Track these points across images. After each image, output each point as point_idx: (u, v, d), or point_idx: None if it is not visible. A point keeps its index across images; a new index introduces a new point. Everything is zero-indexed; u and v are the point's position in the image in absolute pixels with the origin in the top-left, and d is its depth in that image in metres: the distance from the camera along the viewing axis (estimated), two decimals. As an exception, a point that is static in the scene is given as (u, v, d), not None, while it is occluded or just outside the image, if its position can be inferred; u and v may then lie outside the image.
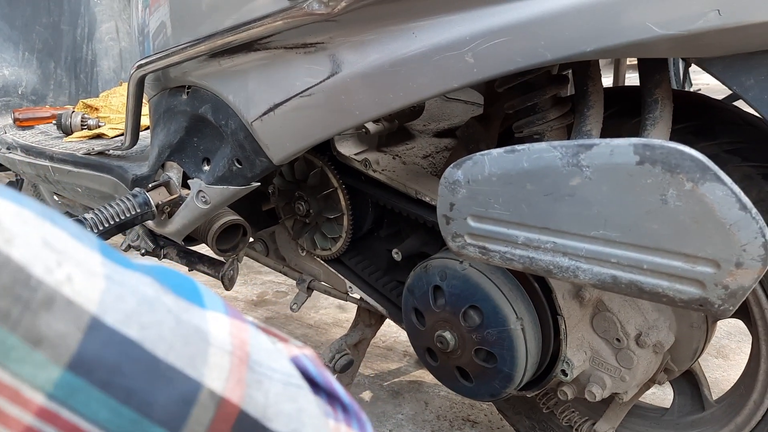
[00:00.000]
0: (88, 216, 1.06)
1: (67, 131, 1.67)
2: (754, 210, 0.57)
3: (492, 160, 0.70)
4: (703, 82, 4.76)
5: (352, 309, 1.65)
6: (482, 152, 0.71)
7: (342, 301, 1.99)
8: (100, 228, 1.05)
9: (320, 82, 0.84)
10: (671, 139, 0.83)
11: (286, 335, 0.39)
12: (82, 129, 1.67)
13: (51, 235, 0.27)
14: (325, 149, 1.16)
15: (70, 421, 0.27)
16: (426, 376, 1.69)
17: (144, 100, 1.19)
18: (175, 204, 1.15)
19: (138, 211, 1.09)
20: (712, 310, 0.63)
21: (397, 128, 1.20)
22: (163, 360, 0.29)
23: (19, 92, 1.87)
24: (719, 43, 0.63)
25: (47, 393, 0.26)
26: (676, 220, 0.60)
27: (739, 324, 1.02)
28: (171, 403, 0.29)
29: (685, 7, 0.60)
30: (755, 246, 0.57)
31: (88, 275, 0.28)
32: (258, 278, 2.31)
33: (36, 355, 0.26)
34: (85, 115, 1.68)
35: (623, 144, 0.60)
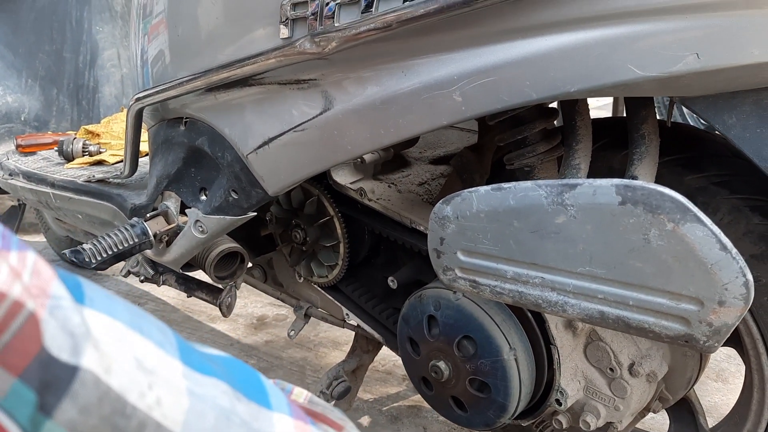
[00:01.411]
0: (86, 246, 1.08)
1: (69, 158, 1.69)
2: (735, 250, 0.58)
3: (479, 197, 0.71)
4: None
5: (351, 333, 1.66)
6: (470, 189, 0.72)
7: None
8: (98, 258, 1.07)
9: (313, 117, 0.85)
10: (659, 172, 0.84)
11: (339, 416, 0.40)
12: (84, 155, 1.69)
13: (141, 350, 0.29)
14: (321, 178, 1.17)
15: None
16: (424, 401, 1.68)
17: (144, 128, 1.22)
18: (173, 233, 1.16)
19: (136, 240, 1.11)
20: (697, 346, 0.64)
21: (392, 156, 1.21)
22: None
23: (22, 118, 1.90)
24: (700, 84, 0.64)
25: None
26: (659, 259, 0.61)
27: (738, 347, 1.03)
28: None
29: (665, 50, 0.61)
30: (737, 285, 0.58)
31: (174, 394, 0.29)
32: (258, 301, 2.32)
33: None
34: (87, 142, 1.70)
35: (605, 185, 0.61)
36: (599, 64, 0.64)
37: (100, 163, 1.67)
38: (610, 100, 1.51)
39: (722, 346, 1.01)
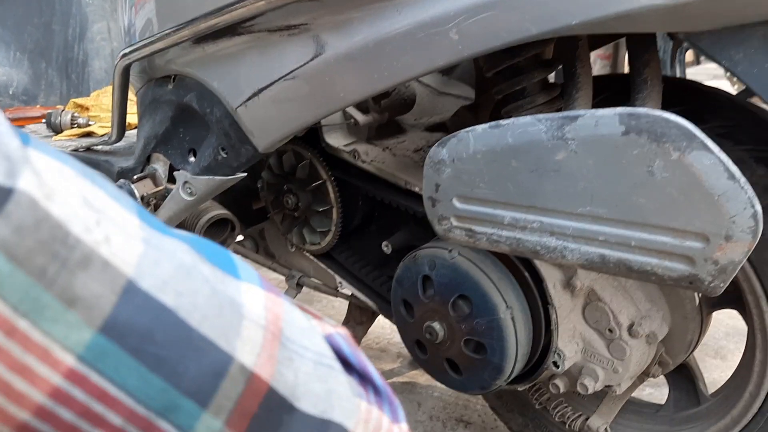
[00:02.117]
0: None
1: (57, 130, 1.66)
2: (743, 179, 0.55)
3: (477, 136, 0.68)
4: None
5: (345, 310, 1.64)
6: (467, 129, 0.70)
7: (336, 303, 1.97)
8: (84, 219, 1.04)
9: (304, 64, 0.82)
10: (661, 121, 0.82)
11: (320, 313, 0.38)
12: (72, 127, 1.66)
13: (91, 193, 0.27)
14: (314, 141, 1.15)
15: (98, 384, 0.26)
16: (419, 377, 1.66)
17: (132, 99, 1.18)
18: (161, 196, 1.13)
19: (123, 202, 1.07)
20: (702, 287, 0.61)
21: (387, 121, 1.18)
22: (197, 330, 0.28)
23: (10, 92, 1.86)
24: (707, 14, 0.61)
25: (78, 355, 0.25)
26: (663, 193, 0.59)
27: (737, 325, 1.01)
28: (201, 374, 0.28)
29: (671, -26, 0.58)
30: (745, 217, 0.56)
31: (126, 237, 0.27)
32: (251, 281, 2.29)
33: (69, 315, 0.25)
34: (75, 114, 1.67)
35: (608, 114, 0.59)
36: (602, -7, 0.62)
37: (88, 135, 1.64)
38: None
39: (723, 307, 0.99)
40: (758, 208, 0.55)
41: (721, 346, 1.75)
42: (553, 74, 0.94)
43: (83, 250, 0.25)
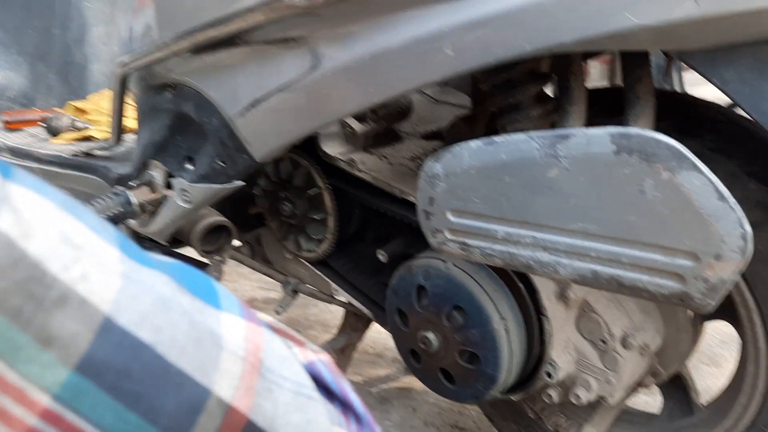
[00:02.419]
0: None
1: (56, 133, 1.66)
2: (733, 200, 0.56)
3: (471, 152, 0.69)
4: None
5: (340, 316, 1.64)
6: (461, 144, 0.70)
7: (332, 307, 1.98)
8: (81, 226, 1.04)
9: (301, 76, 0.83)
10: (655, 136, 0.82)
11: (303, 339, 0.38)
12: (71, 131, 1.66)
13: (70, 228, 0.27)
14: (310, 149, 1.15)
15: (74, 423, 0.26)
16: (415, 382, 1.67)
17: (132, 104, 1.19)
18: (158, 203, 1.13)
19: (119, 210, 1.08)
20: (692, 305, 0.62)
21: (384, 130, 1.19)
22: (174, 365, 0.28)
23: (9, 95, 1.86)
24: (698, 34, 0.62)
25: (53, 394, 0.25)
26: (654, 212, 0.60)
27: (732, 332, 1.01)
28: (178, 409, 0.28)
29: (663, -5, 0.59)
30: (734, 237, 0.56)
31: (104, 273, 0.27)
32: (247, 284, 2.29)
33: (45, 356, 0.25)
34: (74, 118, 1.67)
35: (600, 133, 0.59)
36: (595, 13, 0.62)
37: (87, 138, 1.64)
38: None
39: (716, 319, 1.00)
40: (748, 228, 0.56)
41: (716, 354, 1.75)
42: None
43: (60, 289, 0.25)
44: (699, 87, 0.67)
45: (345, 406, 0.35)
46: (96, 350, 0.26)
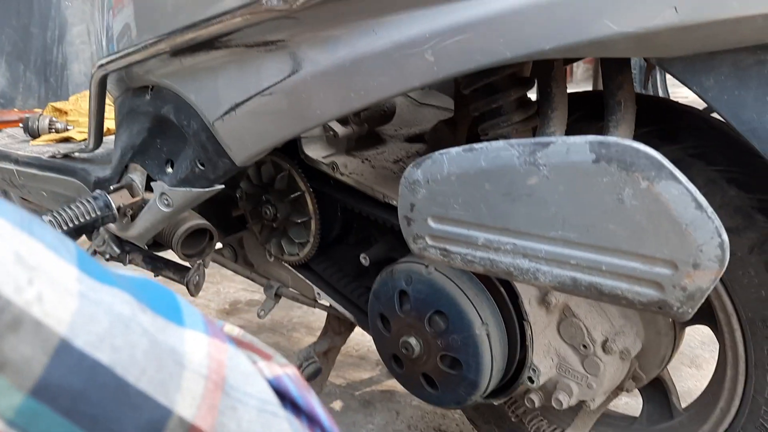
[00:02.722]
0: (45, 219, 1.04)
1: (35, 134, 1.64)
2: (710, 209, 0.56)
3: (451, 158, 0.69)
4: (682, 95, 4.81)
5: (324, 318, 1.64)
6: (441, 151, 0.70)
7: (315, 309, 1.97)
8: (58, 231, 1.02)
9: (281, 80, 0.82)
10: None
11: (271, 351, 0.37)
12: (50, 132, 1.64)
13: (26, 248, 0.26)
14: (292, 153, 1.14)
15: None
16: (398, 386, 1.66)
17: (110, 105, 1.17)
18: (138, 207, 1.12)
19: (98, 213, 1.07)
20: (671, 313, 0.62)
21: (367, 132, 1.18)
22: (134, 386, 0.27)
23: (-12, 95, 1.84)
24: (678, 41, 0.62)
25: (7, 419, 0.25)
26: (633, 220, 0.59)
27: (712, 334, 1.02)
28: (138, 430, 0.27)
29: (642, 4, 0.59)
30: (712, 246, 0.57)
31: (60, 293, 0.26)
32: (231, 285, 2.28)
33: None
34: (53, 119, 1.65)
35: (579, 142, 0.59)
36: (575, 20, 0.62)
37: (66, 140, 1.62)
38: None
39: (695, 323, 1.00)
40: (725, 237, 0.56)
41: (697, 355, 1.77)
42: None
43: (13, 312, 0.24)
44: (682, 87, 0.67)
45: (312, 420, 0.35)
46: (51, 373, 0.25)
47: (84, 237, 1.23)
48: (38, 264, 0.26)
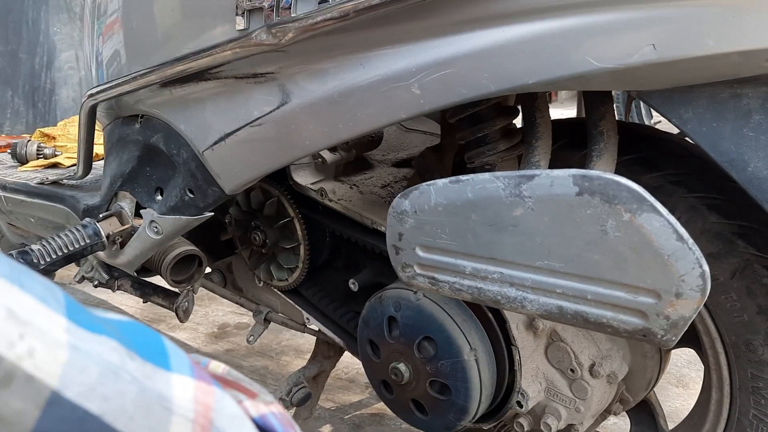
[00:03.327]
0: (35, 247, 1.04)
1: (23, 160, 1.64)
2: (691, 241, 0.57)
3: (437, 190, 0.70)
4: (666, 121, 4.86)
5: (314, 342, 1.64)
6: (428, 182, 0.71)
7: (304, 334, 1.97)
8: (47, 260, 1.03)
9: (270, 112, 0.84)
10: (617, 170, 0.84)
11: (257, 388, 0.38)
12: (38, 158, 1.64)
13: (17, 302, 0.27)
14: (281, 179, 1.16)
15: None
16: (387, 409, 1.66)
17: (99, 130, 1.18)
18: (127, 235, 1.13)
19: (88, 242, 1.07)
20: (655, 341, 0.63)
21: (355, 158, 1.20)
22: None
23: (-25, 121, 1.84)
24: (656, 76, 0.64)
25: None
26: (616, 251, 0.61)
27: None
28: None
29: (622, 41, 0.61)
30: (693, 276, 0.58)
31: (51, 346, 0.27)
32: (219, 309, 2.27)
33: None
34: (41, 144, 1.65)
35: (562, 175, 0.61)
36: (557, 56, 0.64)
37: (55, 166, 1.63)
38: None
39: (680, 346, 1.01)
40: (706, 267, 0.57)
41: (683, 374, 1.78)
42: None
43: (5, 368, 0.25)
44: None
45: None
46: (43, 426, 0.26)
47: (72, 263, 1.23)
48: (29, 318, 0.27)
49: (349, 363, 1.86)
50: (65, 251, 1.05)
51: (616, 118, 0.86)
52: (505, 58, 0.66)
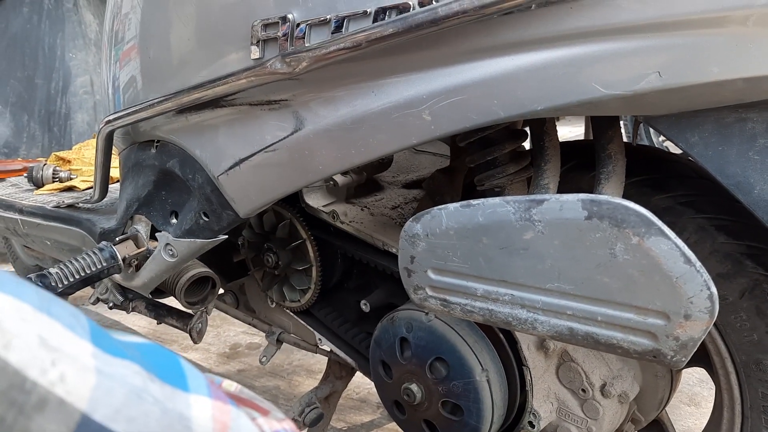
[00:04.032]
0: (53, 270, 1.06)
1: (38, 184, 1.67)
2: (699, 263, 0.58)
3: (449, 214, 0.71)
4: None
5: (325, 361, 1.65)
6: (439, 207, 0.73)
7: (315, 354, 1.98)
8: (65, 282, 1.05)
9: (284, 137, 0.85)
10: (627, 192, 0.85)
11: (269, 405, 0.39)
12: (54, 181, 1.67)
13: (47, 330, 0.29)
14: (293, 201, 1.17)
15: None
16: (400, 429, 1.66)
17: (115, 154, 1.20)
18: (143, 257, 1.14)
19: (104, 265, 1.09)
20: (665, 361, 0.64)
21: (365, 180, 1.22)
22: None
23: (-8, 145, 1.87)
24: (663, 102, 0.65)
25: None
26: (625, 274, 0.62)
27: (710, 371, 1.04)
28: None
29: (628, 68, 0.62)
30: (701, 298, 0.59)
31: (80, 371, 0.29)
32: (231, 329, 2.29)
33: None
34: (57, 168, 1.68)
35: (571, 200, 0.62)
36: (565, 83, 0.65)
37: (70, 189, 1.65)
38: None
39: (691, 366, 1.02)
40: (713, 289, 0.59)
41: (695, 393, 1.78)
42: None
43: (40, 393, 0.27)
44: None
45: None
46: None
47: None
48: (58, 345, 0.29)
49: (360, 383, 1.87)
50: (82, 274, 1.07)
51: (624, 141, 0.87)
52: (515, 85, 0.68)
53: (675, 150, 0.90)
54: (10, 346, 0.27)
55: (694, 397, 1.76)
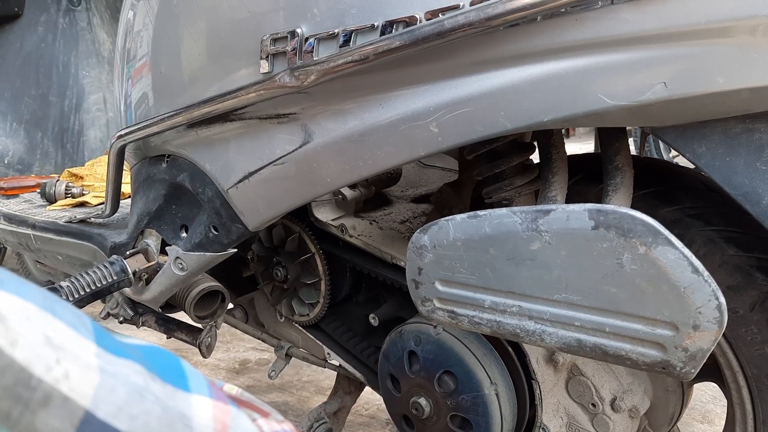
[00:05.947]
0: (64, 284, 1.07)
1: (51, 200, 1.69)
2: (706, 273, 0.58)
3: (456, 225, 0.72)
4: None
5: (334, 377, 1.64)
6: (447, 218, 0.73)
7: (325, 369, 1.98)
8: (76, 296, 1.05)
9: (293, 151, 0.86)
10: (634, 204, 0.85)
11: (268, 408, 0.40)
12: (66, 197, 1.69)
13: (51, 329, 0.29)
14: (302, 215, 1.18)
15: None
16: (409, 444, 1.65)
17: (126, 169, 1.22)
18: (153, 271, 1.15)
19: (115, 278, 1.10)
20: (674, 373, 0.64)
21: (374, 194, 1.22)
22: None
23: (5, 162, 1.90)
24: (669, 112, 0.66)
25: None
26: (632, 284, 0.62)
27: (722, 388, 1.03)
28: None
29: (634, 79, 0.63)
30: (710, 309, 0.59)
31: (83, 369, 0.30)
32: (240, 345, 2.29)
33: None
34: (69, 184, 1.70)
35: (578, 210, 0.62)
36: (571, 94, 0.66)
37: (82, 204, 1.67)
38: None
39: (702, 380, 1.01)
40: (722, 300, 0.58)
41: (708, 410, 1.76)
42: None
43: (44, 390, 0.28)
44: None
45: None
46: None
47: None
48: (63, 343, 0.29)
49: (369, 399, 1.86)
50: (93, 288, 1.07)
51: (632, 154, 0.87)
52: (521, 96, 0.68)
53: (685, 164, 0.90)
54: (16, 344, 0.27)
55: (707, 414, 1.74)
